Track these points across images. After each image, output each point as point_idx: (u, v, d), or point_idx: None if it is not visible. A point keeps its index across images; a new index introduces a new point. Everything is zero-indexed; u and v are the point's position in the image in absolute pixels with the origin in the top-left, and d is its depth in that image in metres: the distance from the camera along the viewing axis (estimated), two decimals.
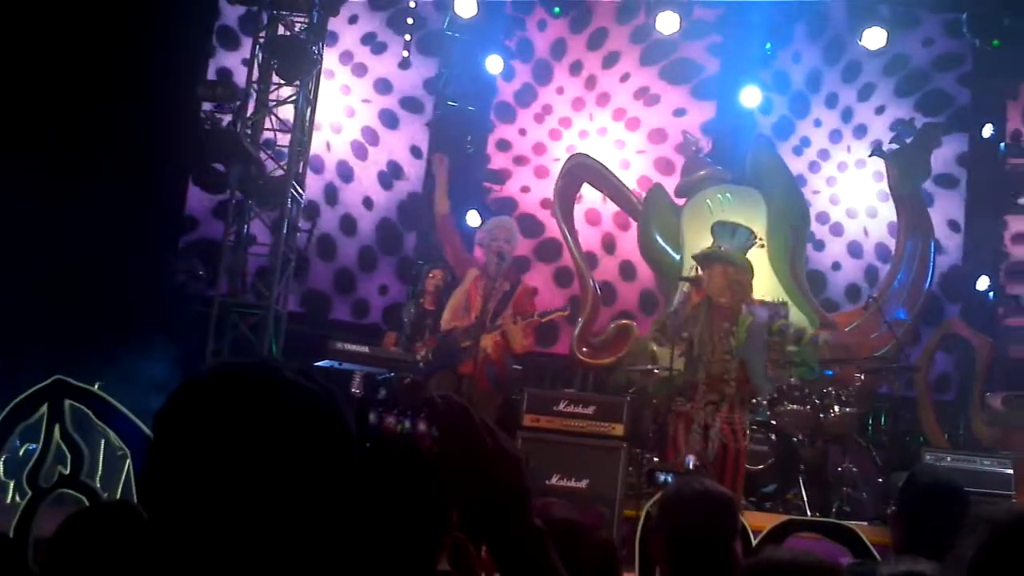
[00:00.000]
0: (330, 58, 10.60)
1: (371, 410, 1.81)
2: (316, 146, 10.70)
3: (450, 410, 1.62)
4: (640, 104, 12.04)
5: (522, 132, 11.95)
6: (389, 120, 11.55)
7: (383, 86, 11.45)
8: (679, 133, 11.70)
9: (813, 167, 12.23)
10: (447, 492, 1.65)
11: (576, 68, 12.00)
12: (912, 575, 3.15)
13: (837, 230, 12.26)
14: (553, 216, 11.21)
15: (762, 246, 7.64)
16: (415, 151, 11.68)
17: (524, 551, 1.59)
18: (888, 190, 11.25)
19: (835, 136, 12.30)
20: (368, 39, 11.37)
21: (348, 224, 11.32)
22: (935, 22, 12.14)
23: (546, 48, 11.99)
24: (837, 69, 12.20)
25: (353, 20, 11.23)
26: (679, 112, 12.10)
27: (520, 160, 11.92)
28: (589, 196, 11.54)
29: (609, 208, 11.67)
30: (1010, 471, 8.39)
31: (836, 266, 12.19)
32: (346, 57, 11.21)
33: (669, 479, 6.11)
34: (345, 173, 11.28)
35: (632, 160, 11.96)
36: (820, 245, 12.13)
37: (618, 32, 12.02)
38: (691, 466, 8.21)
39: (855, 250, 12.22)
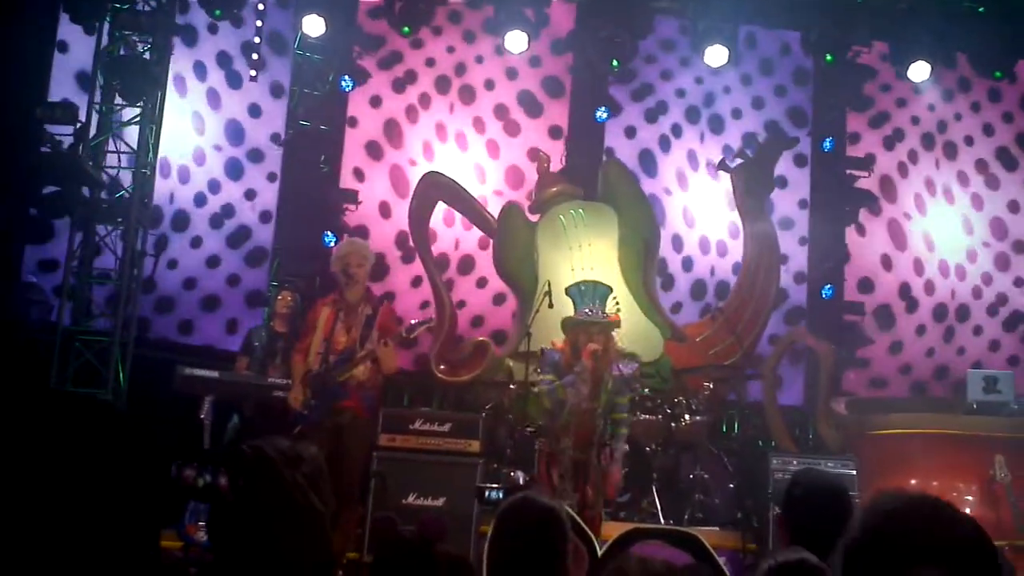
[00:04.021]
0: (174, 78, 10.31)
1: (172, 464, 1.77)
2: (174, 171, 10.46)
3: (259, 463, 1.61)
4: (492, 121, 12.10)
5: (376, 149, 11.89)
6: (237, 142, 11.28)
7: (230, 107, 11.20)
8: (532, 150, 11.83)
9: (667, 179, 12.39)
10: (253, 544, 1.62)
11: (429, 85, 12.01)
12: (802, 563, 3.27)
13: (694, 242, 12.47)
14: (410, 236, 11.25)
15: (618, 308, 7.82)
16: (270, 176, 11.45)
17: None
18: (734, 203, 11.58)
19: (686, 151, 12.49)
20: (215, 58, 11.12)
21: (198, 251, 10.98)
22: (773, 39, 12.53)
23: (398, 66, 11.98)
24: (684, 85, 12.45)
25: (195, 40, 10.91)
26: (532, 129, 12.19)
27: (375, 176, 11.84)
28: None
29: None
30: (853, 472, 8.75)
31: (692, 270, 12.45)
32: (191, 77, 10.92)
33: (499, 495, 6.16)
34: (196, 198, 10.95)
35: (487, 177, 12.02)
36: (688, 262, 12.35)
37: (468, 50, 12.09)
38: (522, 481, 8.31)
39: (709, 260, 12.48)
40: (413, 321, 7.52)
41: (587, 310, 7.21)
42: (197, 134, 10.79)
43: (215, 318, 10.83)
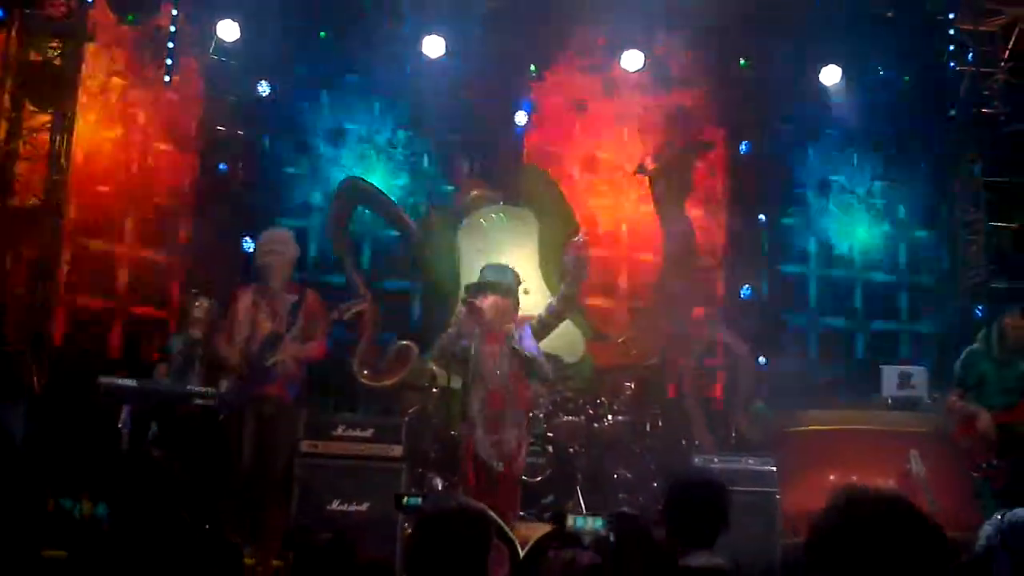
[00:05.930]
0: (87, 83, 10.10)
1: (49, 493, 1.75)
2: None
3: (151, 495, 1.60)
4: (413, 124, 11.99)
5: (293, 154, 11.76)
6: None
7: (149, 111, 11.02)
8: (454, 155, 11.79)
9: (591, 183, 12.36)
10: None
11: (345, 88, 11.88)
12: (711, 570, 3.35)
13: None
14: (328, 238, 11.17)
15: (527, 292, 8.02)
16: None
17: None
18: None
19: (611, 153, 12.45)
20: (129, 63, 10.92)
21: None
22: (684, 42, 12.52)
23: (315, 67, 11.83)
24: (601, 88, 12.41)
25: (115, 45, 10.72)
26: (453, 132, 12.09)
27: (293, 181, 11.72)
28: None
29: None
30: (773, 468, 8.83)
31: None
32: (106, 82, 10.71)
33: (418, 502, 6.20)
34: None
35: (410, 179, 11.92)
36: None
37: (386, 55, 11.94)
38: (440, 487, 8.34)
39: None
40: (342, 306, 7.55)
41: (489, 277, 7.43)
42: None
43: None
